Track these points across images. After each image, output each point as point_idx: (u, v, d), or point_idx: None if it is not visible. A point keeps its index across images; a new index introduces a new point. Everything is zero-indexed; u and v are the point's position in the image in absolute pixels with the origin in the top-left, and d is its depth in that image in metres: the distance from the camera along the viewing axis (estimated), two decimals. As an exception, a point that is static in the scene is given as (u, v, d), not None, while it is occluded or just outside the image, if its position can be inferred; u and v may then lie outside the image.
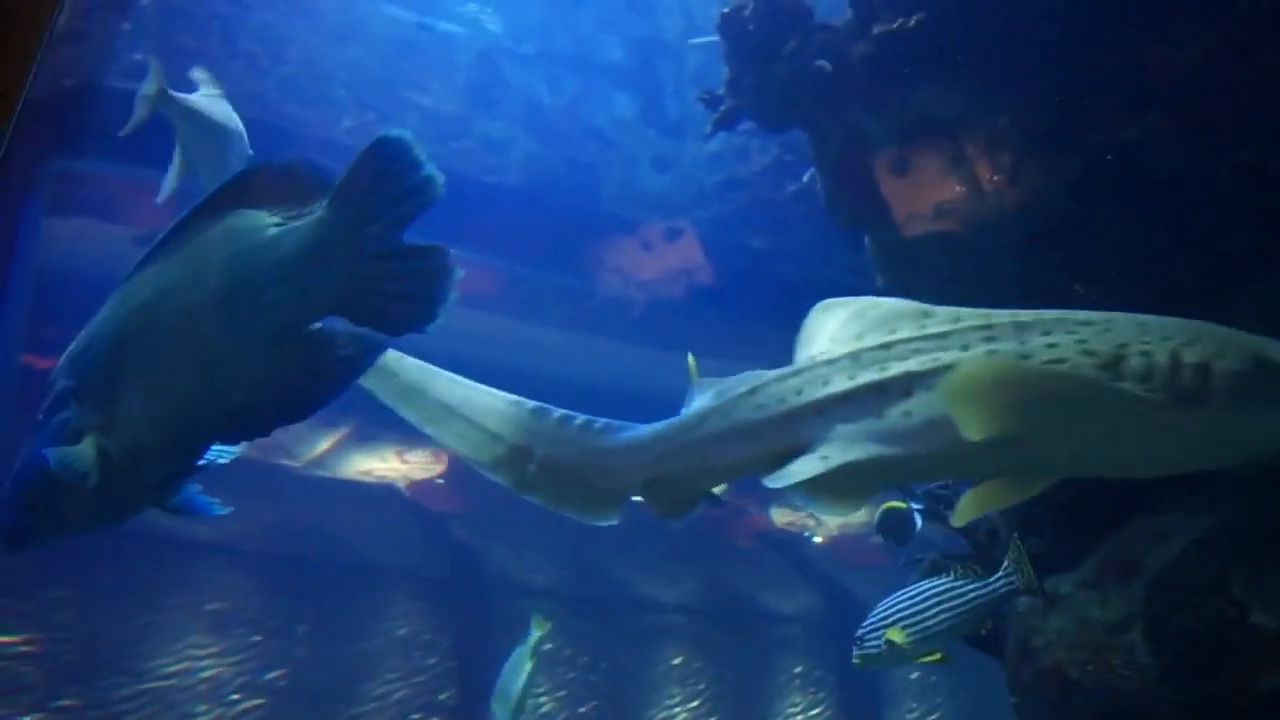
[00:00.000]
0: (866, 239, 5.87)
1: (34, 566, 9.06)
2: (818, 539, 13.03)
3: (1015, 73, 5.01)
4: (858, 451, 2.97)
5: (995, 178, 5.23)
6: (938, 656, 4.92)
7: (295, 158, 3.10)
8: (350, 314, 3.02)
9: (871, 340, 3.10)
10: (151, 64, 4.72)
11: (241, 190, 3.06)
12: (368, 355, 3.07)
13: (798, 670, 13.43)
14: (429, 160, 2.94)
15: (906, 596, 4.89)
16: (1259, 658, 4.10)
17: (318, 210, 2.98)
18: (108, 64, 5.93)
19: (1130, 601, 4.41)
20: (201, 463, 3.21)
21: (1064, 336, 2.83)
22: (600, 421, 3.36)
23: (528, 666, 8.10)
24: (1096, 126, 4.82)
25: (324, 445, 10.47)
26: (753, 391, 3.22)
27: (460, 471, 11.26)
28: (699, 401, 3.33)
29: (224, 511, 3.37)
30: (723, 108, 5.98)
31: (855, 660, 4.96)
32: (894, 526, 6.67)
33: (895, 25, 5.16)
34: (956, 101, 5.25)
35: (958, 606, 4.77)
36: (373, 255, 2.97)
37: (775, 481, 3.08)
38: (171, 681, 9.85)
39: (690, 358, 5.06)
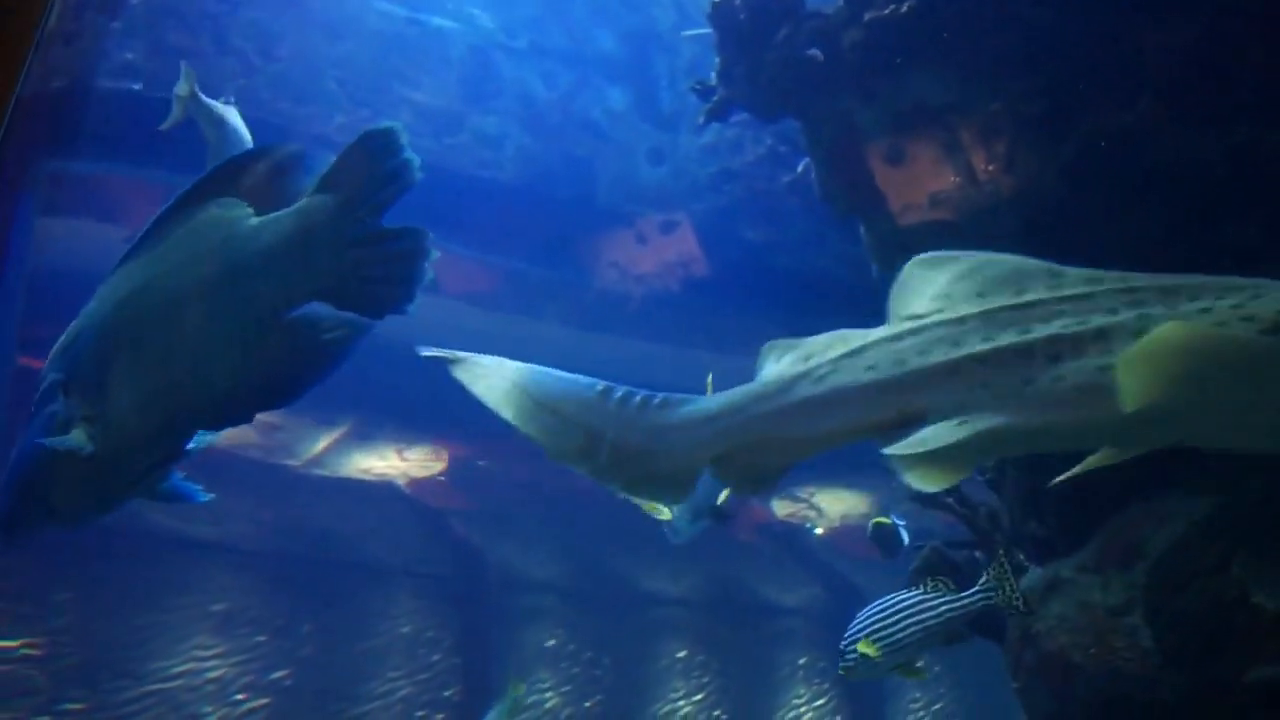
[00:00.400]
0: (862, 228, 5.86)
1: (35, 570, 9.06)
2: (819, 531, 13.03)
3: (1008, 59, 4.99)
4: (999, 418, 2.75)
5: (989, 165, 5.21)
6: (913, 670, 5.03)
7: (276, 148, 3.16)
8: (332, 299, 3.09)
9: (1000, 300, 2.87)
10: (184, 68, 4.89)
11: (223, 181, 3.12)
12: (352, 339, 3.13)
13: (801, 662, 13.44)
14: (408, 147, 3.03)
15: (880, 608, 4.96)
16: (1259, 641, 4.09)
17: (300, 199, 3.05)
18: (98, 63, 5.92)
19: (1131, 585, 4.39)
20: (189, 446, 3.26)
21: (1215, 302, 2.68)
22: (659, 397, 3.11)
23: None
24: (1090, 112, 4.80)
25: (323, 444, 10.48)
26: (858, 352, 2.94)
27: (460, 469, 11.27)
28: (775, 368, 3.05)
29: (207, 498, 3.43)
30: (715, 98, 5.96)
31: (840, 672, 5.05)
32: (883, 540, 7.25)
33: (887, 12, 5.14)
34: (949, 88, 5.23)
35: (928, 620, 4.86)
36: (353, 241, 3.04)
37: (904, 449, 2.80)
38: (177, 683, 9.86)
39: (709, 379, 5.03)
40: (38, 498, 3.10)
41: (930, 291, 3.01)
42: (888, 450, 2.85)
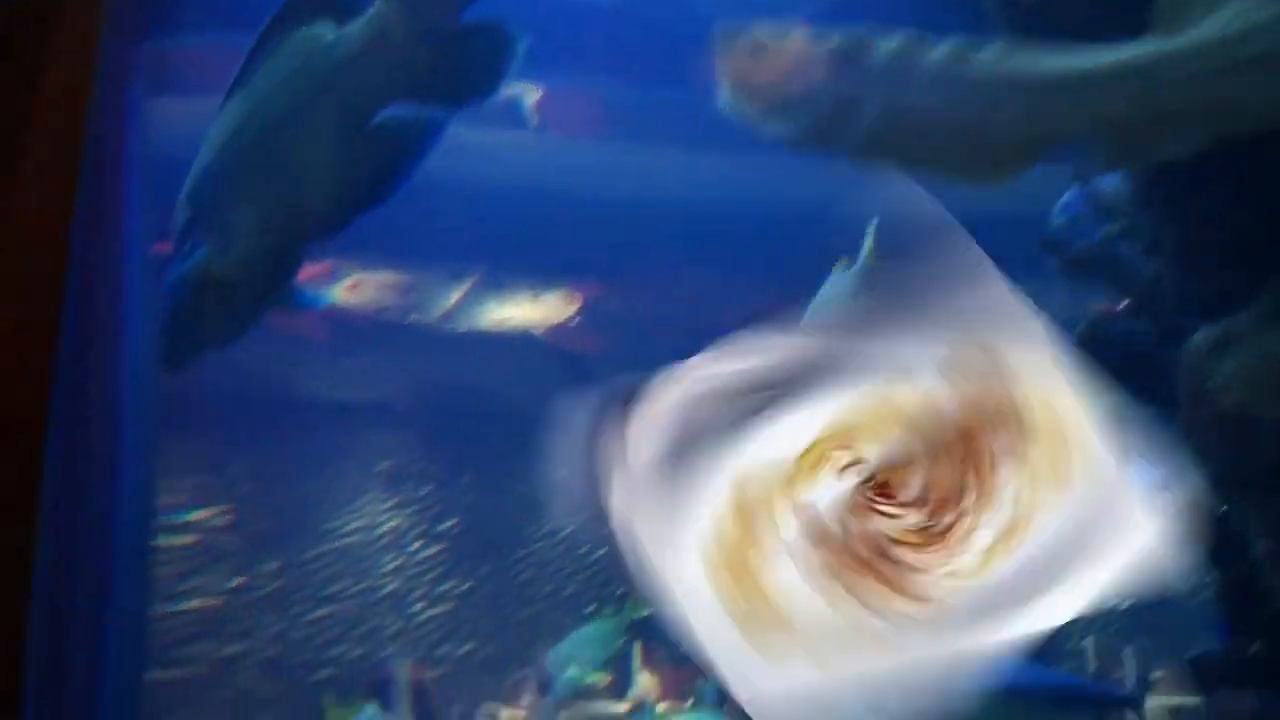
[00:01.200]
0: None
1: (208, 445, 9.64)
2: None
3: None
4: None
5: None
6: None
7: None
8: (413, 96, 3.30)
9: None
10: None
11: (299, 8, 3.36)
12: (429, 135, 3.32)
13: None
14: None
15: None
16: None
17: (368, 11, 3.25)
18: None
19: (1312, 330, 4.13)
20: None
21: None
22: (991, 46, 2.52)
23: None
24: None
25: (454, 297, 10.60)
26: None
27: (594, 309, 11.28)
28: (1198, 29, 2.52)
29: (329, 301, 3.80)
30: None
31: None
32: None
33: None
34: None
35: None
36: (430, 41, 3.20)
37: None
38: (355, 538, 10.53)
39: None
40: (187, 324, 3.48)
41: None
42: None
